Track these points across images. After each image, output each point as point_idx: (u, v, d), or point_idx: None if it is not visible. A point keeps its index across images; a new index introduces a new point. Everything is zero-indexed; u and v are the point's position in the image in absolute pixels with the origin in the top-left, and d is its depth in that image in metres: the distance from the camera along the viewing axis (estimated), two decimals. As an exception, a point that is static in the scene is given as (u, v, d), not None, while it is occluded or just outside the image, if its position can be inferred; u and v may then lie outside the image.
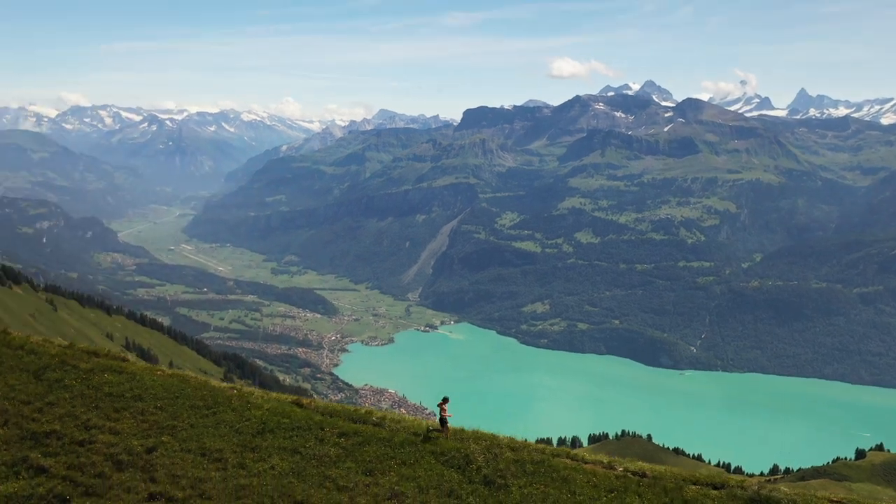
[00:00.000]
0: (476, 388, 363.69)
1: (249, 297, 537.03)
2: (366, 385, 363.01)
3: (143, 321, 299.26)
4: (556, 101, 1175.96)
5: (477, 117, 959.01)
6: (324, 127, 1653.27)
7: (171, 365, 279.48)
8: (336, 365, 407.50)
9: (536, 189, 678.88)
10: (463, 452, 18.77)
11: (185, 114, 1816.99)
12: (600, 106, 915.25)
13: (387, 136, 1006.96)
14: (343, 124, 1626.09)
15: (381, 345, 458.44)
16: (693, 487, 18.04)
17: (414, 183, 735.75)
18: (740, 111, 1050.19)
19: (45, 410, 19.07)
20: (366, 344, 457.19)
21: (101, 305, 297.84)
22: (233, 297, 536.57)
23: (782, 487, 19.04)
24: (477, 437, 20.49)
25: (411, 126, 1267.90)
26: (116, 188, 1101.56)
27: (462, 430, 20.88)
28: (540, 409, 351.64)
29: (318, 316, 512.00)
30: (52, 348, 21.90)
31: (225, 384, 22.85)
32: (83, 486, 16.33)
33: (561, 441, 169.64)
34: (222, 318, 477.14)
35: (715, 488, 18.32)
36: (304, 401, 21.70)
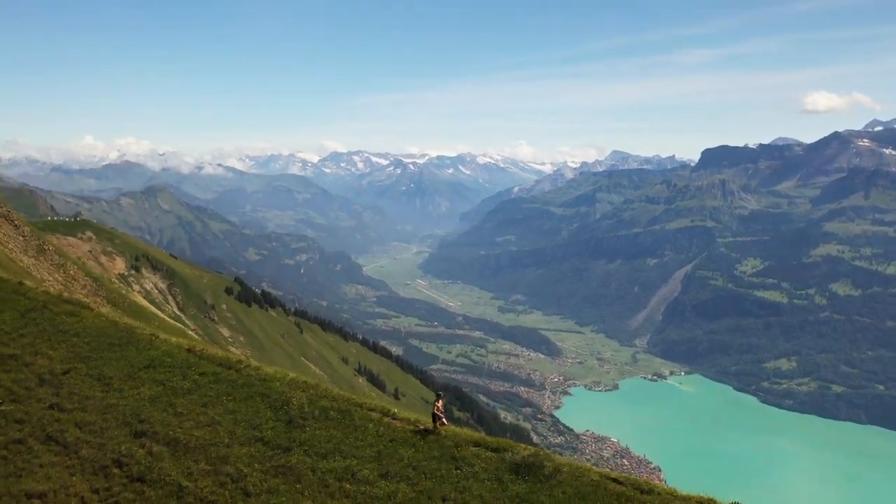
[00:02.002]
0: (705, 446, 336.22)
1: (476, 334, 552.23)
2: (587, 431, 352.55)
3: (374, 348, 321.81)
4: (808, 139, 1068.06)
5: (716, 157, 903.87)
6: (555, 168, 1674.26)
7: (396, 391, 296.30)
8: (557, 407, 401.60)
9: (784, 234, 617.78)
10: (285, 397, 21.05)
11: (427, 158, 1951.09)
12: (864, 142, 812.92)
13: (618, 177, 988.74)
14: (574, 166, 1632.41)
15: (605, 390, 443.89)
16: (473, 449, 18.99)
17: (645, 225, 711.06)
18: None
19: (16, 339, 25.18)
20: (589, 388, 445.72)
21: (340, 331, 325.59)
22: (461, 332, 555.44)
23: (556, 457, 19.30)
24: (304, 386, 22.67)
25: (644, 167, 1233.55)
26: (364, 226, 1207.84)
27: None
28: (777, 477, 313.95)
29: (542, 356, 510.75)
30: (41, 296, 28.61)
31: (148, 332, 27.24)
32: (14, 394, 21.98)
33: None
34: (450, 352, 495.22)
35: (492, 451, 19.26)
36: (198, 348, 25.75)
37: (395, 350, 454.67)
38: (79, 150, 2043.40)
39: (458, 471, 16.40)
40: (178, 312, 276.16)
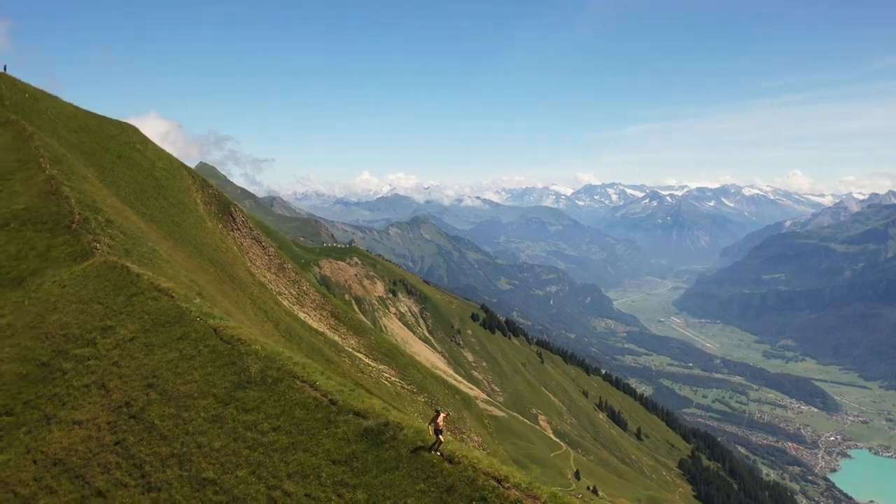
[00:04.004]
0: None
1: (736, 379, 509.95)
2: (871, 501, 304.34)
3: (617, 384, 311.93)
4: None
5: None
6: (837, 201, 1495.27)
7: (638, 431, 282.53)
8: (833, 470, 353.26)
9: None
10: (247, 366, 24.03)
11: (685, 189, 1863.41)
12: None
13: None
14: (861, 197, 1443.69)
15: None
16: (343, 417, 20.63)
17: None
18: None
19: (116, 315, 30.13)
20: (875, 452, 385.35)
21: (582, 364, 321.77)
22: (718, 375, 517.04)
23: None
24: (266, 358, 24.60)
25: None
26: (616, 259, 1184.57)
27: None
28: None
29: (815, 410, 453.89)
30: (145, 284, 32.70)
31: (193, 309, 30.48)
32: (100, 355, 27.30)
33: None
34: (705, 396, 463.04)
35: (358, 415, 20.63)
36: (223, 331, 27.70)
37: (644, 389, 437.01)
38: (357, 185, 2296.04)
39: (326, 430, 19.90)
40: (427, 335, 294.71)
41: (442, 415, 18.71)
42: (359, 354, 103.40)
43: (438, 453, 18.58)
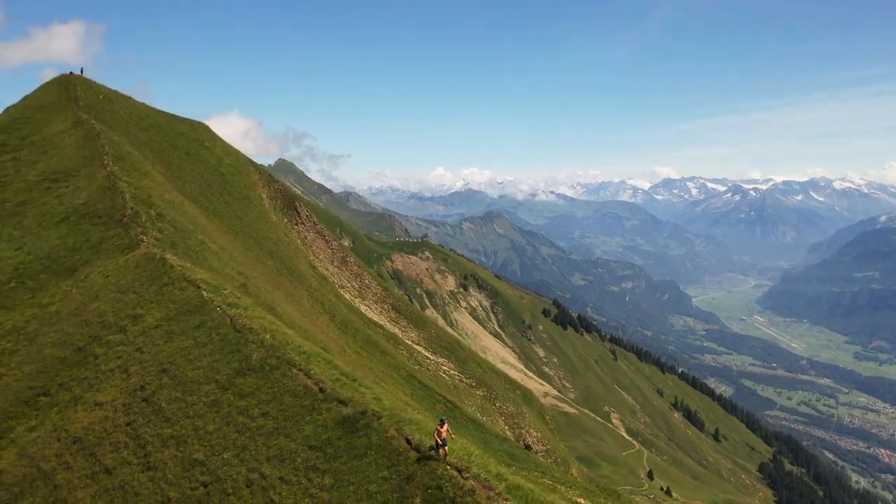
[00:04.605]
0: None
1: (824, 381, 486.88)
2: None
3: (694, 384, 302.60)
4: None
5: None
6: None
7: (716, 433, 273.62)
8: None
9: None
10: (249, 354, 24.86)
11: (770, 183, 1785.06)
12: None
13: None
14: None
15: None
16: (327, 405, 21.07)
17: None
18: None
19: (146, 304, 31.39)
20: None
21: (657, 363, 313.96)
22: (804, 377, 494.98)
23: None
24: (271, 346, 25.47)
25: None
26: (695, 255, 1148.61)
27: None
28: None
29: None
30: (176, 274, 34.12)
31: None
32: (129, 342, 29.00)
33: None
34: (790, 398, 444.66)
35: (341, 403, 21.22)
36: (239, 322, 28.31)
37: (724, 390, 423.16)
38: (431, 180, 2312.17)
39: (309, 416, 20.66)
40: (498, 329, 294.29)
41: (446, 426, 18.19)
42: (418, 347, 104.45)
43: (447, 466, 17.74)
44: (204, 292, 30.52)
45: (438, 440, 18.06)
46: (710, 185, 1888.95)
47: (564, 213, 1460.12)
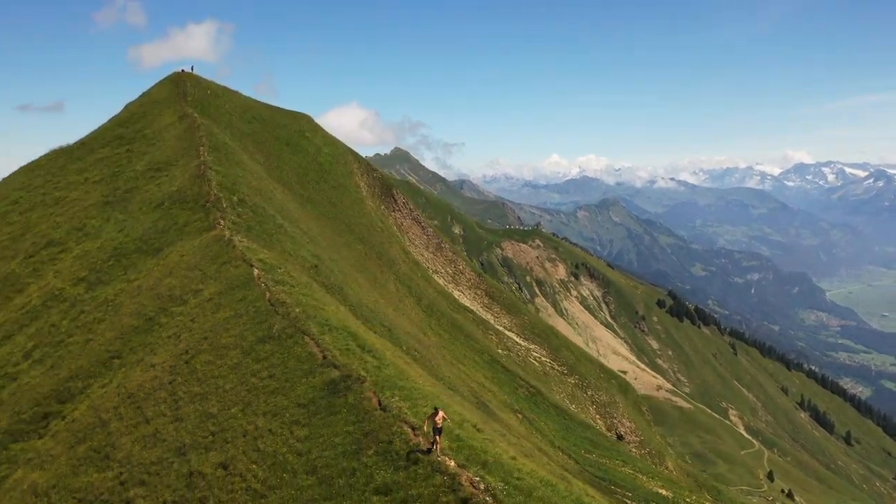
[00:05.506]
0: None
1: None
2: None
3: (823, 383, 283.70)
4: None
5: None
6: None
7: (848, 435, 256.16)
8: None
9: None
10: (272, 324, 27.06)
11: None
12: None
13: None
14: None
15: None
16: (322, 370, 22.89)
17: None
18: None
19: (206, 280, 34.14)
20: None
21: (782, 359, 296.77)
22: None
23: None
24: (294, 318, 27.53)
25: None
26: (831, 246, 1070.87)
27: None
28: None
29: None
30: (238, 256, 36.68)
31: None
32: (184, 313, 31.99)
33: None
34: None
35: (335, 368, 22.84)
36: (274, 297, 30.49)
37: (860, 391, 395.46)
38: (546, 168, 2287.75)
39: (304, 379, 22.31)
40: (609, 320, 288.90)
41: (441, 413, 17.22)
42: (509, 333, 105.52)
43: (439, 457, 17.07)
44: (255, 270, 33.28)
45: (433, 429, 17.11)
46: (848, 170, 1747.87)
47: (685, 200, 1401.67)
